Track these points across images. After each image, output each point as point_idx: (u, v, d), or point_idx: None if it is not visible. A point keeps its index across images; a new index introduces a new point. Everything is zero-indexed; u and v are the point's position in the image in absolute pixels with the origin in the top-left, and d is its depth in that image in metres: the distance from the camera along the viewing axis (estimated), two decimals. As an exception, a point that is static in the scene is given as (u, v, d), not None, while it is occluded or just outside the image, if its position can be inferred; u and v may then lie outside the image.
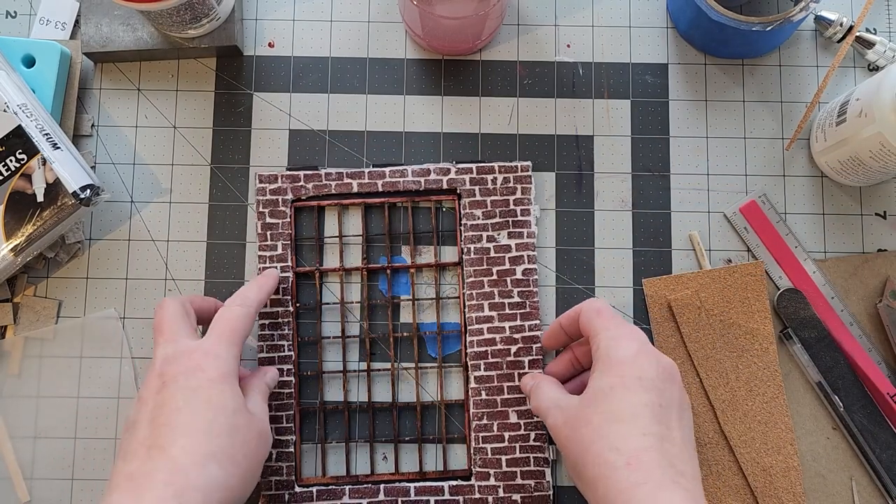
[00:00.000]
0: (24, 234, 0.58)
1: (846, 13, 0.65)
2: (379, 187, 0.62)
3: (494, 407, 0.60)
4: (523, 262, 0.61)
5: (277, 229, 0.62)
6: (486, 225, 0.62)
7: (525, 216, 0.62)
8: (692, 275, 0.62)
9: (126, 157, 0.64)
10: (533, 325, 0.61)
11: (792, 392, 0.61)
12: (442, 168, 0.62)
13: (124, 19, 0.64)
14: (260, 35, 0.66)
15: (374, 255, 0.63)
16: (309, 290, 0.62)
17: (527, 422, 0.59)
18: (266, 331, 0.61)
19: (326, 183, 0.62)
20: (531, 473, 0.59)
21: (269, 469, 0.59)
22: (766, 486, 0.59)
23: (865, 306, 0.62)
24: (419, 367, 0.61)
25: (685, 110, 0.64)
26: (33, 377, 0.61)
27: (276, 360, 0.60)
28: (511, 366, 0.60)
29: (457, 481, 0.59)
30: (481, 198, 0.62)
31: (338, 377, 0.61)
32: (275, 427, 0.60)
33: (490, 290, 0.61)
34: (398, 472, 0.60)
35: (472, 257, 0.61)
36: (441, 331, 0.61)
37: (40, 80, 0.61)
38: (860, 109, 0.56)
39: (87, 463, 0.61)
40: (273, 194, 0.62)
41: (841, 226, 0.63)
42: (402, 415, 0.61)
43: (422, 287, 0.62)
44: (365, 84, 0.65)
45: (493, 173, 0.62)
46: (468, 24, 0.60)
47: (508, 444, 0.59)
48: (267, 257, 0.62)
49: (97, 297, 0.63)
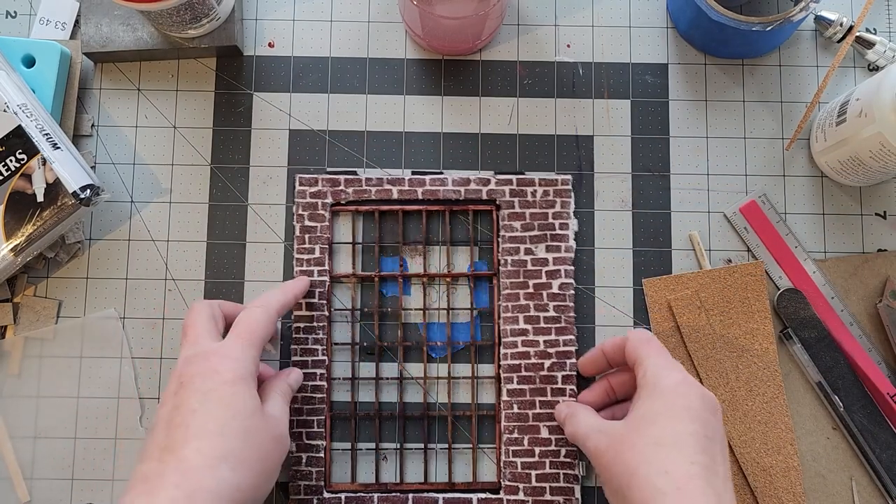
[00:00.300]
0: (24, 234, 0.58)
1: (846, 13, 0.65)
2: (419, 195, 0.62)
3: (526, 421, 0.60)
4: (560, 276, 0.61)
5: (316, 233, 0.62)
6: (524, 237, 0.61)
7: (564, 230, 0.62)
8: (692, 275, 0.62)
9: (126, 157, 0.64)
10: (567, 340, 0.60)
11: (792, 392, 0.61)
12: (482, 178, 0.62)
13: (124, 19, 0.64)
14: (260, 35, 0.66)
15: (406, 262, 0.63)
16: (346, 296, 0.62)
17: (557, 437, 0.59)
18: (300, 334, 0.61)
19: (366, 188, 0.62)
20: (560, 490, 0.59)
21: (298, 473, 0.59)
22: (766, 486, 0.59)
23: (865, 306, 0.62)
24: (451, 377, 0.61)
25: (685, 110, 0.64)
26: (33, 377, 0.61)
27: (310, 364, 0.60)
28: (544, 380, 0.60)
29: (486, 494, 0.59)
30: (520, 210, 0.62)
31: (370, 384, 0.61)
32: (305, 431, 0.60)
33: (526, 303, 0.61)
34: (427, 481, 0.60)
35: (508, 269, 0.61)
36: (475, 342, 0.61)
37: (40, 80, 0.61)
38: (860, 109, 0.56)
39: (87, 463, 0.61)
40: (313, 197, 0.62)
41: (841, 226, 0.63)
42: (431, 423, 0.61)
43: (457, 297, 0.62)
44: (365, 84, 0.65)
45: (533, 185, 0.62)
46: (468, 24, 0.60)
47: (539, 458, 0.59)
48: (304, 260, 0.61)
49: (97, 297, 0.63)
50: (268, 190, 0.64)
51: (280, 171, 0.64)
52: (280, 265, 0.63)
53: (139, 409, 0.61)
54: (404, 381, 0.61)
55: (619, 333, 0.62)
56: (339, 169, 0.63)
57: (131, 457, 0.61)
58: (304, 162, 0.64)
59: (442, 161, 0.64)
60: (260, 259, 0.63)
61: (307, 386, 0.60)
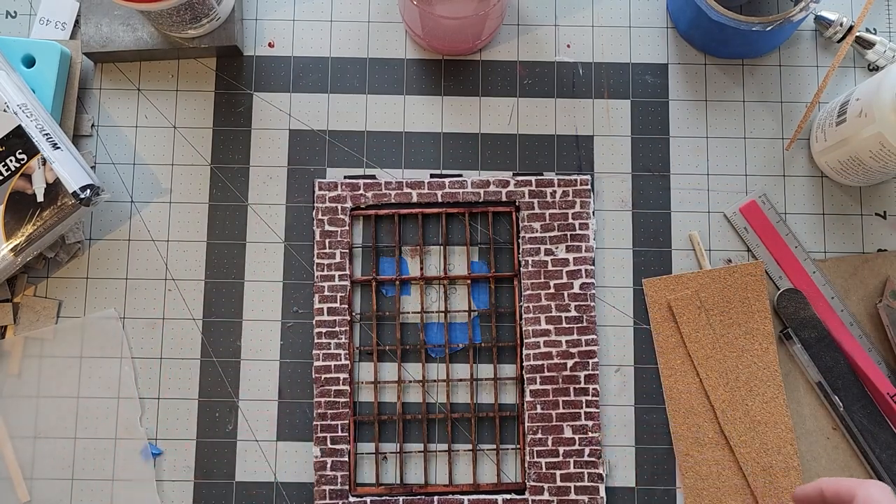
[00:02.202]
0: (24, 234, 0.58)
1: (846, 13, 0.65)
2: (438, 198, 0.62)
3: (549, 421, 0.60)
4: (581, 276, 0.61)
5: (336, 237, 0.62)
6: (544, 238, 0.62)
7: (584, 230, 0.62)
8: (692, 275, 0.62)
9: (126, 157, 0.64)
10: (590, 339, 0.60)
11: (792, 392, 0.61)
12: (501, 180, 0.62)
13: (124, 19, 0.64)
14: (260, 35, 0.66)
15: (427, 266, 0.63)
16: (365, 299, 0.62)
17: (581, 437, 0.59)
18: (323, 339, 0.61)
19: (386, 192, 0.62)
20: (585, 489, 0.59)
21: (323, 478, 0.59)
22: (766, 486, 0.59)
23: (865, 306, 0.62)
24: (475, 379, 0.61)
25: (685, 110, 0.64)
26: (33, 377, 0.61)
27: (333, 370, 0.60)
28: (567, 380, 0.60)
29: (511, 495, 0.59)
30: (540, 210, 0.62)
31: (392, 386, 0.61)
32: (330, 436, 0.60)
33: (547, 303, 0.61)
34: (452, 483, 0.60)
35: (529, 270, 0.61)
36: (497, 342, 0.61)
37: (40, 80, 0.61)
38: (860, 109, 0.56)
39: (87, 463, 0.61)
40: (332, 202, 0.62)
41: (841, 226, 0.63)
42: (455, 424, 0.61)
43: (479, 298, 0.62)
44: (365, 84, 0.65)
45: (553, 186, 0.62)
46: (468, 24, 0.60)
47: (563, 458, 0.59)
48: (325, 265, 0.62)
49: (97, 297, 0.63)
50: (268, 190, 0.64)
51: (280, 171, 0.64)
52: (280, 265, 0.63)
53: (139, 409, 0.61)
54: (426, 383, 0.61)
55: (620, 333, 0.62)
56: (358, 173, 0.63)
57: (131, 457, 0.61)
58: (305, 162, 0.64)
59: (442, 161, 0.64)
60: (260, 259, 0.63)
61: (331, 391, 0.60)
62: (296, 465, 0.61)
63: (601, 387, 0.61)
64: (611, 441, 0.61)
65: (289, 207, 0.63)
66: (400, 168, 0.64)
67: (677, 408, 0.61)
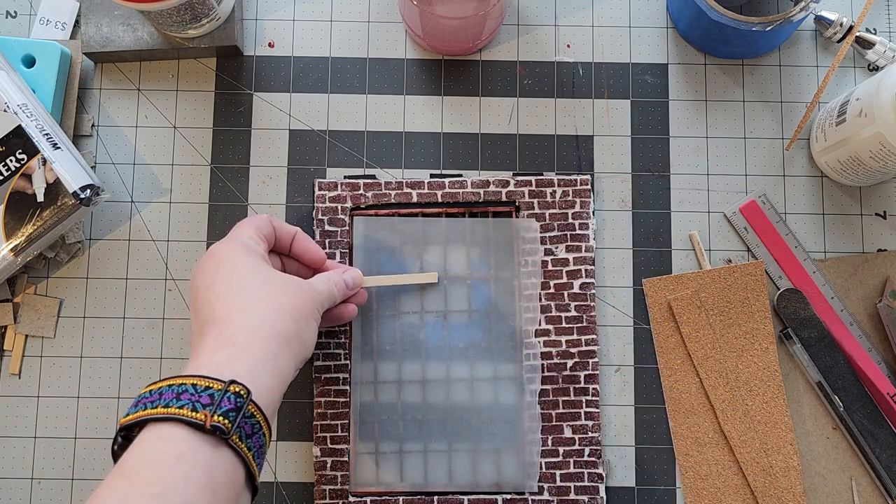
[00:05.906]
0: (24, 234, 0.58)
1: (846, 13, 0.65)
2: (438, 198, 0.62)
3: (549, 421, 0.60)
4: (581, 276, 0.61)
5: (336, 237, 0.62)
6: (544, 238, 0.62)
7: (584, 230, 0.62)
8: (692, 275, 0.62)
9: (126, 157, 0.64)
10: (590, 339, 0.60)
11: (792, 392, 0.61)
12: (501, 180, 0.62)
13: (124, 19, 0.64)
14: (260, 35, 0.66)
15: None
16: None
17: (581, 437, 0.59)
18: (322, 339, 0.61)
19: (386, 192, 0.62)
20: (585, 489, 0.59)
21: (323, 478, 0.59)
22: (766, 486, 0.59)
23: (865, 306, 0.62)
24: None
25: (685, 110, 0.64)
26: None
27: (333, 369, 0.60)
28: (567, 380, 0.60)
29: (510, 495, 0.59)
30: (540, 210, 0.62)
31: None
32: (330, 436, 0.60)
33: (547, 303, 0.61)
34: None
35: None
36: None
37: (40, 80, 0.61)
38: (860, 109, 0.56)
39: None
40: (332, 202, 0.62)
41: (841, 226, 0.63)
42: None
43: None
44: (365, 84, 0.65)
45: (553, 186, 0.62)
46: (468, 24, 0.60)
47: (563, 458, 0.59)
48: None
49: (97, 296, 0.63)
50: (268, 190, 0.64)
51: (280, 171, 0.64)
52: (280, 265, 0.63)
53: (139, 409, 0.61)
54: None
55: (620, 333, 0.62)
56: (358, 173, 0.63)
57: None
58: (305, 162, 0.64)
59: (442, 161, 0.64)
60: (260, 259, 0.63)
61: (331, 391, 0.60)
62: (296, 465, 0.61)
63: (601, 387, 0.61)
64: (611, 441, 0.61)
65: (289, 207, 0.63)
66: (400, 168, 0.64)
67: (677, 408, 0.61)
